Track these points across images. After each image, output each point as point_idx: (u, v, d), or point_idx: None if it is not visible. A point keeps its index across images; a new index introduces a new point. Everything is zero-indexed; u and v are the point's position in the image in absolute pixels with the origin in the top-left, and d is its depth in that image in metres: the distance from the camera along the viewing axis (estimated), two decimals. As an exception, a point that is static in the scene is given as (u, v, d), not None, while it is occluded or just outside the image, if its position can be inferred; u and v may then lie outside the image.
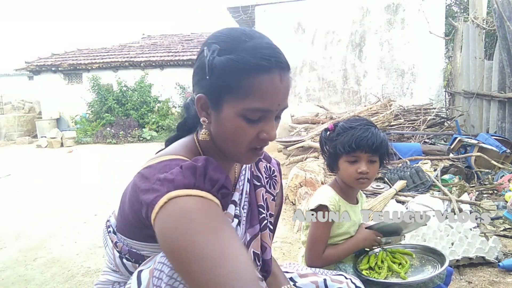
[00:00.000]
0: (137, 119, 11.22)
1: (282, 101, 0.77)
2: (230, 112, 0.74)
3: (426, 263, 1.31)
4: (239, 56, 0.72)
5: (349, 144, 1.28)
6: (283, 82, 0.75)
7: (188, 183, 0.65)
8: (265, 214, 0.98)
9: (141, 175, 0.74)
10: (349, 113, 5.79)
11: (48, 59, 13.20)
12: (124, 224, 0.82)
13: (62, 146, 10.44)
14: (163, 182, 0.66)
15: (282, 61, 0.75)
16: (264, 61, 0.72)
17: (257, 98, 0.73)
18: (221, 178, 0.69)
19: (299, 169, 3.86)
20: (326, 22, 7.64)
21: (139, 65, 12.33)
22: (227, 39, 0.75)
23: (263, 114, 0.75)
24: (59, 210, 4.06)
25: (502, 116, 4.52)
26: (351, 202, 1.40)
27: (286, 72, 0.76)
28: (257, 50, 0.73)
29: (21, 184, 5.62)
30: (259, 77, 0.72)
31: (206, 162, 0.69)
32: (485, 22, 5.55)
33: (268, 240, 0.97)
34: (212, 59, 0.73)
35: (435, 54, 7.18)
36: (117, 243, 0.85)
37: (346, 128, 1.32)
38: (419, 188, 3.40)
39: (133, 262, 0.83)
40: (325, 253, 1.30)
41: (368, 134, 1.27)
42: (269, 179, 1.04)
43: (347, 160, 1.31)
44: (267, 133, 0.77)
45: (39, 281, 2.39)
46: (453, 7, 11.02)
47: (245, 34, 0.76)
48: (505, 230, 2.52)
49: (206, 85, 0.76)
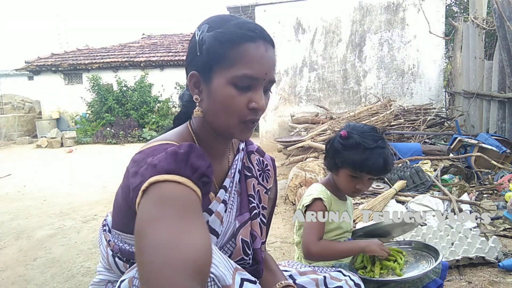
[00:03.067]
0: (137, 119, 11.22)
1: (268, 70, 0.80)
2: (220, 81, 0.78)
3: (421, 258, 1.32)
4: (226, 29, 0.78)
5: (359, 166, 1.26)
6: (268, 53, 0.80)
7: (169, 169, 0.65)
8: (255, 204, 0.98)
9: (132, 160, 0.77)
10: (349, 113, 5.78)
11: (48, 59, 13.20)
12: (117, 217, 0.84)
13: (62, 146, 10.44)
14: (148, 167, 0.67)
15: (266, 35, 0.81)
16: (249, 32, 0.78)
17: (245, 65, 0.77)
18: (202, 166, 0.68)
19: (299, 169, 3.86)
20: (326, 22, 7.64)
21: (139, 65, 12.33)
22: (216, 19, 0.82)
23: (251, 82, 0.79)
24: (59, 210, 4.06)
25: (502, 116, 4.52)
26: (341, 199, 1.43)
27: (270, 45, 0.82)
28: (243, 24, 0.79)
29: (21, 184, 5.62)
30: (245, 45, 0.77)
31: (189, 148, 0.69)
32: (485, 22, 5.55)
33: (258, 229, 0.97)
34: (202, 36, 0.79)
35: (435, 54, 7.17)
36: (110, 241, 0.87)
37: (360, 145, 1.26)
38: (419, 188, 3.40)
39: (124, 261, 0.85)
40: (323, 242, 1.30)
41: (381, 161, 1.25)
42: (261, 172, 1.05)
43: (350, 174, 1.31)
44: (256, 102, 0.80)
45: (39, 281, 2.39)
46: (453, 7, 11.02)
47: (233, 16, 0.83)
48: (505, 230, 2.52)
49: (197, 62, 0.81)
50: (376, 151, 1.25)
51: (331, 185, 1.41)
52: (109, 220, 0.93)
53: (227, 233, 0.91)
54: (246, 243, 0.93)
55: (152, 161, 0.68)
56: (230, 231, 0.92)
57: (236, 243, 0.92)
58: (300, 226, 1.43)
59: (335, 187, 1.41)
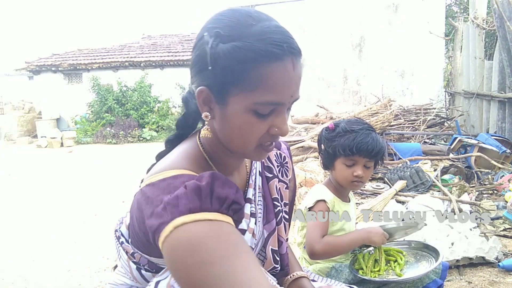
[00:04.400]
0: (137, 119, 11.22)
1: (294, 92, 0.69)
2: (238, 106, 0.67)
3: (421, 259, 1.32)
4: (246, 42, 0.64)
5: (349, 147, 1.28)
6: (296, 71, 0.68)
7: (194, 207, 0.58)
8: (280, 206, 0.93)
9: (144, 195, 0.67)
10: (349, 113, 5.78)
11: (48, 59, 13.21)
12: (136, 240, 0.76)
13: (62, 146, 10.44)
14: (167, 207, 0.60)
15: (295, 47, 0.67)
16: (275, 48, 0.64)
17: (268, 90, 0.65)
18: (230, 194, 0.62)
19: (299, 169, 3.86)
20: (326, 22, 7.64)
21: (139, 65, 12.33)
22: (231, 23, 0.66)
23: (274, 107, 0.68)
24: (59, 210, 4.06)
25: (502, 116, 4.52)
26: (344, 200, 1.43)
27: (298, 59, 0.68)
28: (267, 35, 0.64)
29: (21, 184, 5.62)
30: (270, 66, 0.64)
31: (211, 179, 0.62)
32: (485, 22, 5.55)
33: (284, 233, 0.94)
34: (215, 46, 0.65)
35: (435, 54, 7.18)
36: (135, 253, 0.78)
37: (347, 130, 1.31)
38: (419, 188, 3.40)
39: (153, 272, 0.78)
40: (326, 239, 1.29)
41: (369, 140, 1.28)
42: (280, 167, 0.98)
43: (344, 163, 1.32)
44: (279, 128, 0.70)
45: (39, 281, 2.39)
46: (453, 7, 11.02)
47: (251, 17, 0.67)
48: (505, 230, 2.52)
49: (209, 77, 0.67)
50: (363, 132, 1.29)
51: (333, 186, 1.41)
52: (124, 231, 0.83)
53: (258, 244, 0.88)
54: (276, 252, 0.90)
55: (171, 200, 0.60)
56: (261, 242, 0.88)
57: (267, 254, 0.88)
58: (302, 227, 1.43)
59: (336, 188, 1.41)
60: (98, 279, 2.36)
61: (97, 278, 2.38)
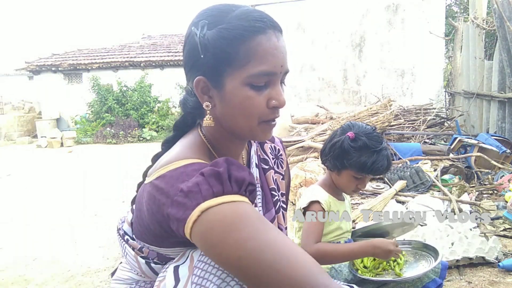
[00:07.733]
0: (137, 119, 11.22)
1: (283, 62, 0.74)
2: (234, 84, 0.71)
3: (421, 258, 1.32)
4: (230, 23, 0.70)
5: (367, 168, 1.28)
6: (280, 42, 0.73)
7: (217, 191, 0.62)
8: (277, 196, 0.98)
9: (156, 187, 0.69)
10: (349, 113, 5.78)
11: (48, 59, 13.21)
12: (145, 234, 0.77)
13: (62, 146, 10.44)
14: (189, 195, 0.62)
15: (275, 22, 0.73)
16: (257, 23, 0.70)
17: (259, 61, 0.70)
18: (246, 176, 0.66)
19: (299, 169, 3.86)
20: (326, 22, 7.64)
21: (139, 65, 12.33)
22: (213, 13, 0.73)
23: (268, 78, 0.72)
24: (59, 210, 4.06)
25: (502, 116, 4.52)
26: (340, 199, 1.43)
27: (280, 33, 0.74)
28: (247, 14, 0.71)
29: (21, 184, 5.62)
30: (256, 39, 0.69)
31: (227, 163, 0.66)
32: (485, 22, 5.55)
33: (283, 221, 0.99)
34: (203, 35, 0.70)
35: (435, 54, 7.17)
36: (142, 248, 0.79)
37: (369, 147, 1.28)
38: (419, 188, 3.40)
39: (163, 264, 0.79)
40: (318, 246, 1.25)
41: (385, 163, 1.30)
42: (275, 159, 1.03)
43: (354, 175, 1.33)
44: (276, 99, 0.74)
45: (39, 281, 2.39)
46: (453, 7, 11.02)
47: (231, 5, 0.73)
48: (505, 230, 2.52)
49: (202, 65, 0.72)
50: (382, 153, 1.29)
51: (328, 186, 1.41)
52: (127, 229, 0.85)
53: None
54: None
55: (191, 187, 0.63)
56: None
57: None
58: (300, 228, 1.42)
59: (332, 187, 1.40)
60: (98, 279, 2.36)
61: (97, 278, 2.38)
